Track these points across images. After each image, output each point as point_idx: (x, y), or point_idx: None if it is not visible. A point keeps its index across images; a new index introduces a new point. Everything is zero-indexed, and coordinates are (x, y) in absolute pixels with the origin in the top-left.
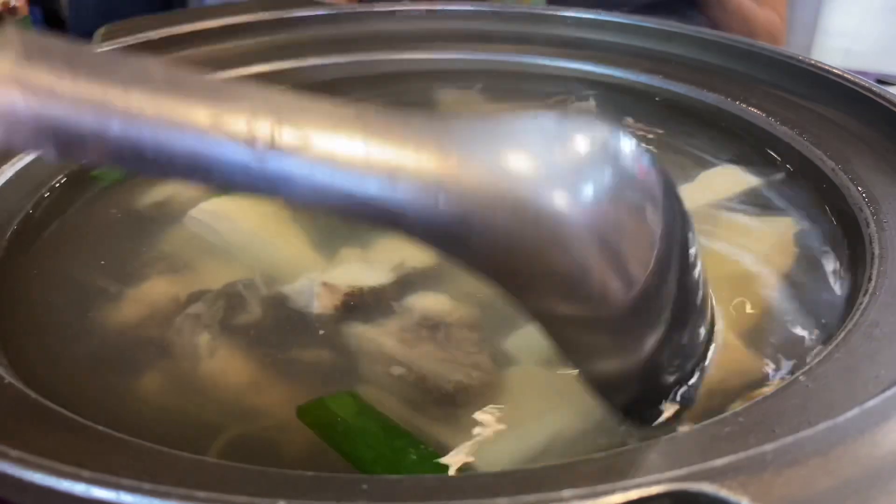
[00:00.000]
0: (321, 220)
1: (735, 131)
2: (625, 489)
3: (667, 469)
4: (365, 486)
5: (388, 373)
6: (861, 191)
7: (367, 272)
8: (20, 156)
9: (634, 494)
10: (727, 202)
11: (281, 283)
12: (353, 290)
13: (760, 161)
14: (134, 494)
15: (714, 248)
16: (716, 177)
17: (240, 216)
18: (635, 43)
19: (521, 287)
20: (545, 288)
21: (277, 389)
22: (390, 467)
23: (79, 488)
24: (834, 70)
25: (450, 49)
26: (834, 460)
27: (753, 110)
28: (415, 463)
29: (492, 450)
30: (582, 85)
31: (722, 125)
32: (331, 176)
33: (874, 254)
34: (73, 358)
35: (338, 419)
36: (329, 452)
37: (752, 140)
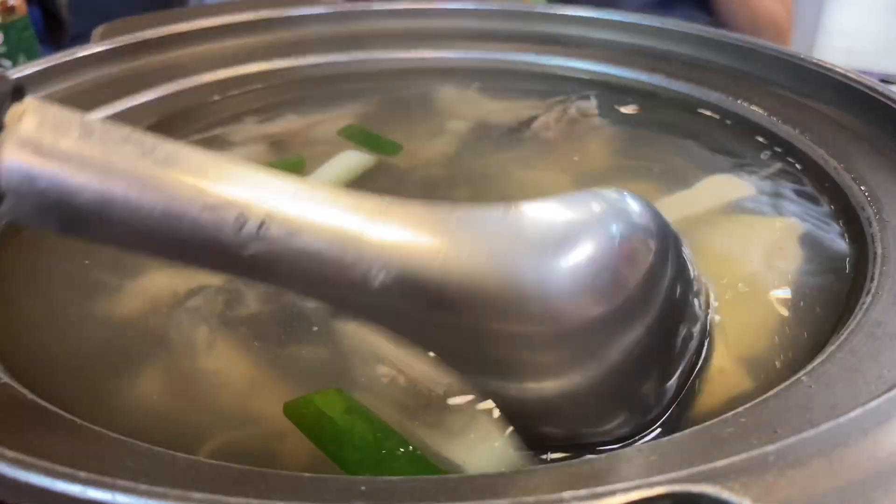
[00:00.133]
0: None
1: (737, 130)
2: (626, 490)
3: (668, 470)
4: (363, 488)
5: (380, 374)
6: (864, 190)
7: None
8: None
9: (635, 495)
10: (729, 207)
11: None
12: None
13: (762, 160)
14: (129, 495)
15: (716, 252)
16: (718, 183)
17: None
18: (636, 41)
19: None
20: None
21: (270, 388)
22: (376, 469)
23: (75, 489)
24: (836, 69)
25: (450, 47)
26: (836, 461)
27: (756, 109)
28: (403, 466)
29: (482, 454)
30: (582, 84)
31: (724, 124)
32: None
33: (877, 253)
34: (70, 356)
35: (324, 417)
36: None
37: (754, 139)
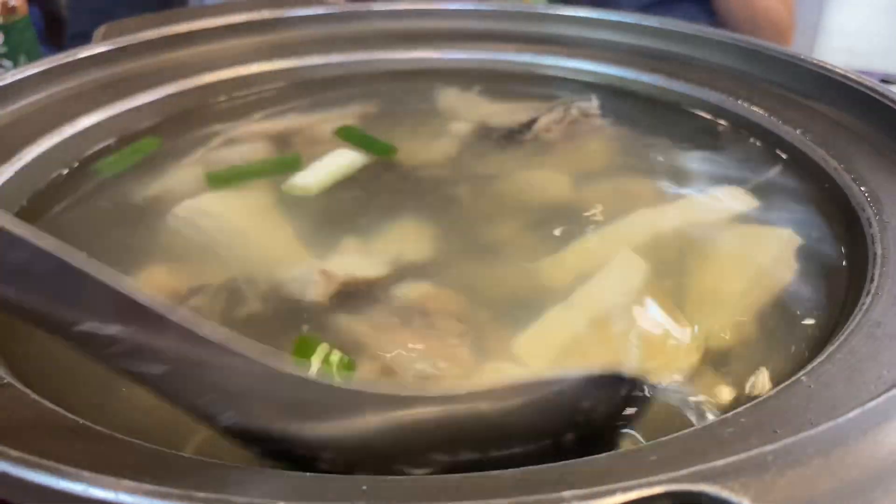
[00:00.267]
0: (316, 211)
1: (737, 131)
2: (625, 490)
3: (668, 469)
4: (364, 487)
5: (362, 363)
6: (864, 190)
7: (366, 262)
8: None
9: (635, 495)
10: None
11: (268, 278)
12: (349, 280)
13: (762, 161)
14: (133, 495)
15: (717, 258)
16: (724, 195)
17: (225, 213)
18: (637, 42)
19: None
20: None
21: None
22: None
23: (78, 488)
24: (837, 69)
25: (450, 48)
26: (836, 461)
27: (756, 109)
28: None
29: None
30: (583, 85)
31: (724, 125)
32: None
33: (876, 254)
34: (72, 355)
35: None
36: None
37: (755, 140)
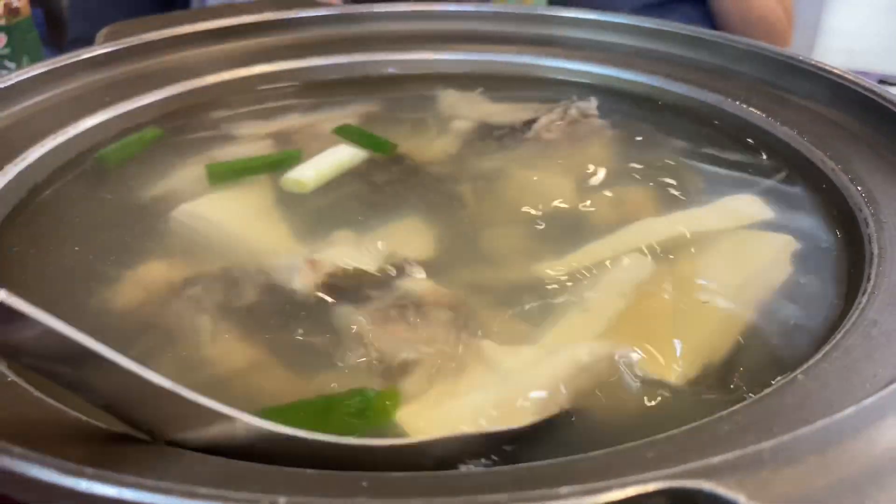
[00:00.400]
0: (312, 209)
1: (735, 131)
2: (622, 486)
3: (665, 466)
4: (365, 484)
5: (354, 356)
6: (861, 191)
7: (357, 255)
8: (23, 155)
9: (632, 491)
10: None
11: (257, 269)
12: (337, 271)
13: (761, 161)
14: (136, 491)
15: (719, 261)
16: (738, 204)
17: (222, 213)
18: (635, 43)
19: None
20: None
21: (270, 368)
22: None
23: (82, 485)
24: (834, 70)
25: (451, 49)
26: (831, 458)
27: (753, 110)
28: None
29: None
30: (582, 86)
31: (722, 125)
32: None
33: (873, 254)
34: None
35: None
36: None
37: (753, 140)
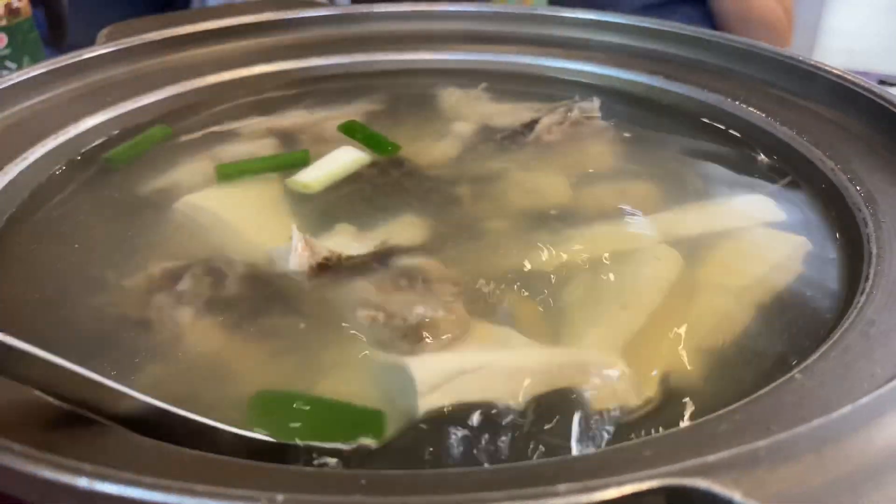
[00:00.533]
0: (313, 205)
1: (735, 132)
2: (619, 484)
3: (662, 465)
4: (363, 482)
5: (361, 316)
6: (860, 190)
7: (357, 246)
8: (24, 155)
9: (628, 489)
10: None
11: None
12: (333, 254)
13: (760, 162)
14: (135, 488)
15: (721, 261)
16: (751, 203)
17: (224, 206)
18: (636, 43)
19: None
20: None
21: (253, 352)
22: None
23: (81, 482)
24: (833, 70)
25: (451, 49)
26: (827, 456)
27: (753, 110)
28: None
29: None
30: (582, 86)
31: (722, 126)
32: None
33: (871, 253)
34: (68, 343)
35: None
36: None
37: (752, 141)
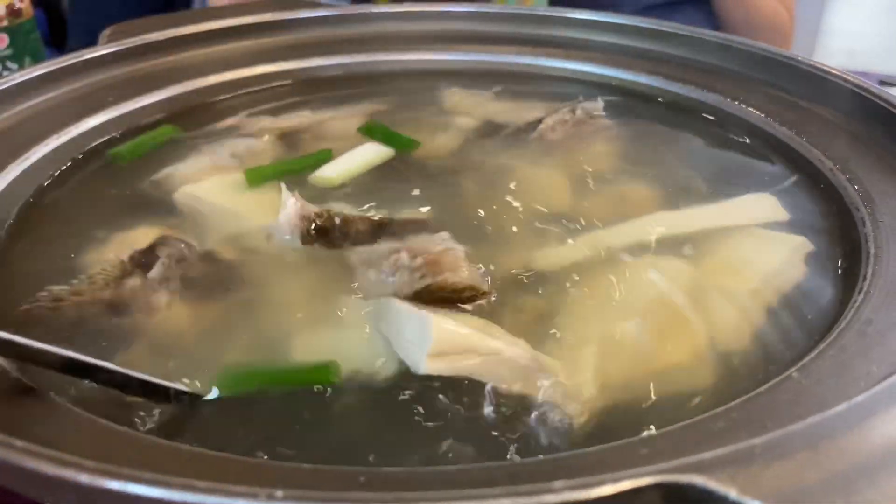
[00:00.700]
0: (309, 197)
1: (734, 132)
2: (615, 480)
3: (658, 462)
4: (362, 479)
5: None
6: (858, 190)
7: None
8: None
9: (625, 486)
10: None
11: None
12: (324, 212)
13: (760, 162)
14: (136, 484)
15: (724, 261)
16: (755, 202)
17: (224, 196)
18: (635, 44)
19: None
20: None
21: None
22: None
23: (83, 478)
24: (832, 71)
25: (451, 50)
26: (822, 453)
27: (753, 110)
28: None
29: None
30: (582, 86)
31: (721, 126)
32: None
33: (869, 252)
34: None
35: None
36: None
37: (752, 141)
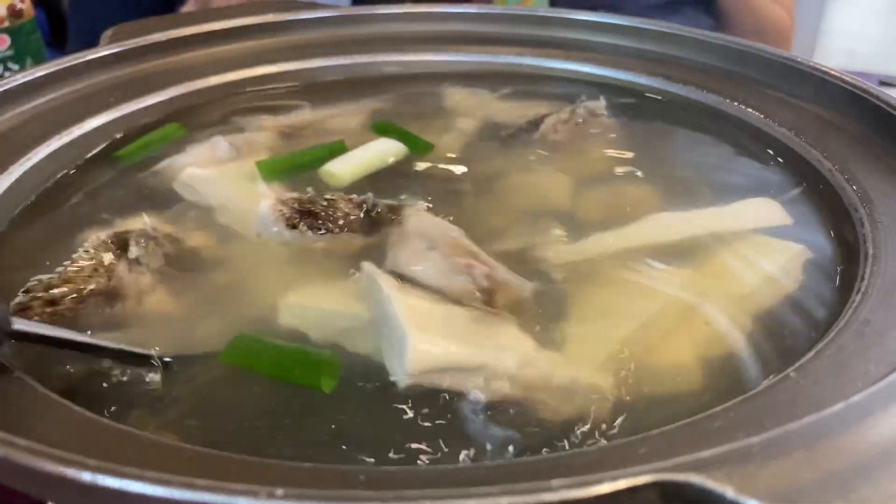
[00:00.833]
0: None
1: (734, 132)
2: (612, 479)
3: (655, 460)
4: (362, 477)
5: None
6: (856, 190)
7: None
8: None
9: (622, 484)
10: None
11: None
12: (303, 197)
13: (759, 163)
14: (138, 482)
15: (724, 263)
16: (758, 207)
17: (222, 181)
18: (635, 45)
19: None
20: None
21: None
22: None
23: (85, 477)
24: (832, 71)
25: (451, 50)
26: (819, 453)
27: (752, 111)
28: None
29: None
30: (581, 87)
31: (721, 126)
32: None
33: (868, 253)
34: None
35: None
36: None
37: (751, 141)
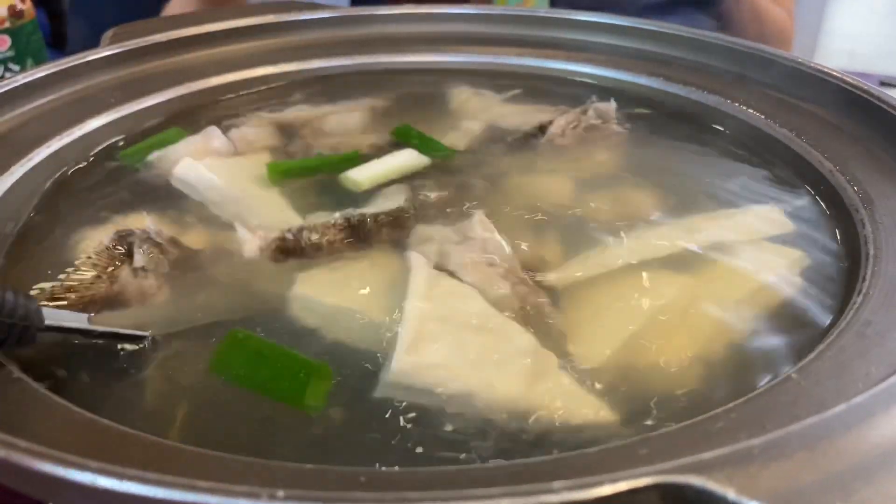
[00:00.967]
0: (307, 188)
1: (735, 133)
2: (613, 481)
3: (656, 462)
4: (363, 479)
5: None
6: (857, 191)
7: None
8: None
9: (623, 486)
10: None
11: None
12: (286, 234)
13: (759, 163)
14: (138, 484)
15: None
16: (760, 216)
17: (221, 175)
18: (637, 45)
19: None
20: None
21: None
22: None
23: (85, 478)
24: (832, 72)
25: (451, 50)
26: (820, 454)
27: (753, 112)
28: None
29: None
30: (582, 87)
31: (722, 127)
32: None
33: (868, 254)
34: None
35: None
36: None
37: (751, 142)
